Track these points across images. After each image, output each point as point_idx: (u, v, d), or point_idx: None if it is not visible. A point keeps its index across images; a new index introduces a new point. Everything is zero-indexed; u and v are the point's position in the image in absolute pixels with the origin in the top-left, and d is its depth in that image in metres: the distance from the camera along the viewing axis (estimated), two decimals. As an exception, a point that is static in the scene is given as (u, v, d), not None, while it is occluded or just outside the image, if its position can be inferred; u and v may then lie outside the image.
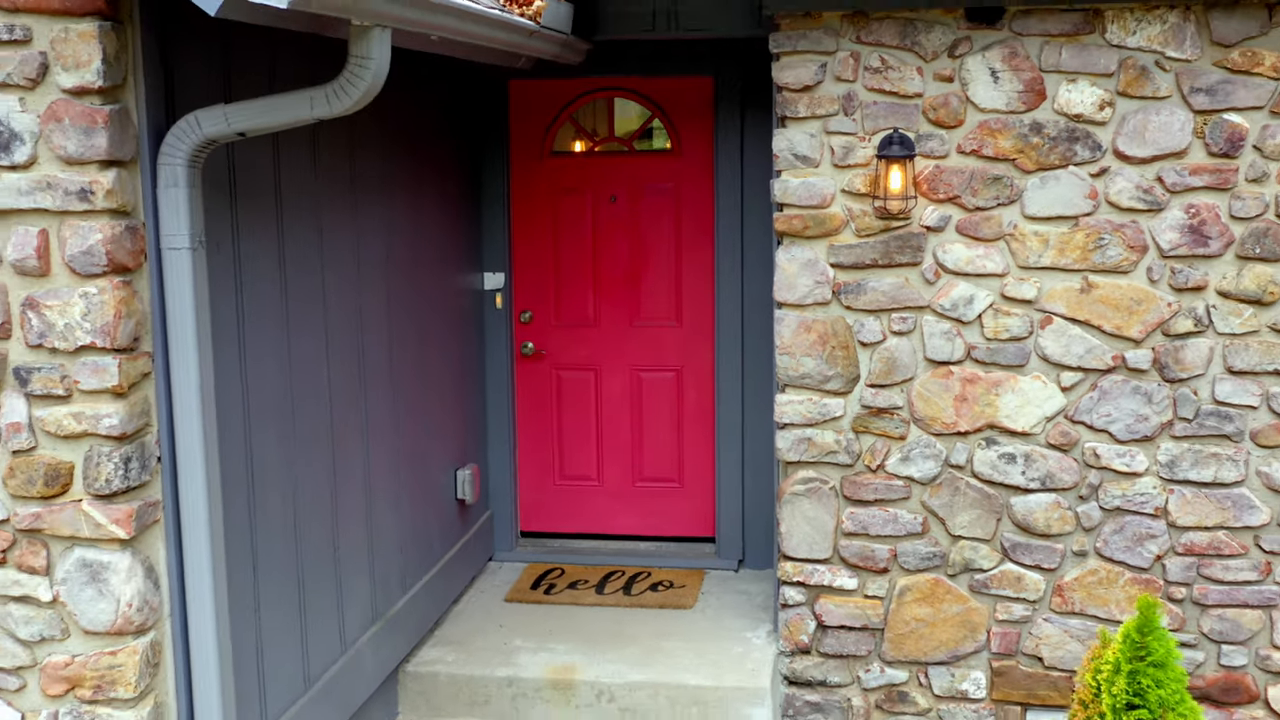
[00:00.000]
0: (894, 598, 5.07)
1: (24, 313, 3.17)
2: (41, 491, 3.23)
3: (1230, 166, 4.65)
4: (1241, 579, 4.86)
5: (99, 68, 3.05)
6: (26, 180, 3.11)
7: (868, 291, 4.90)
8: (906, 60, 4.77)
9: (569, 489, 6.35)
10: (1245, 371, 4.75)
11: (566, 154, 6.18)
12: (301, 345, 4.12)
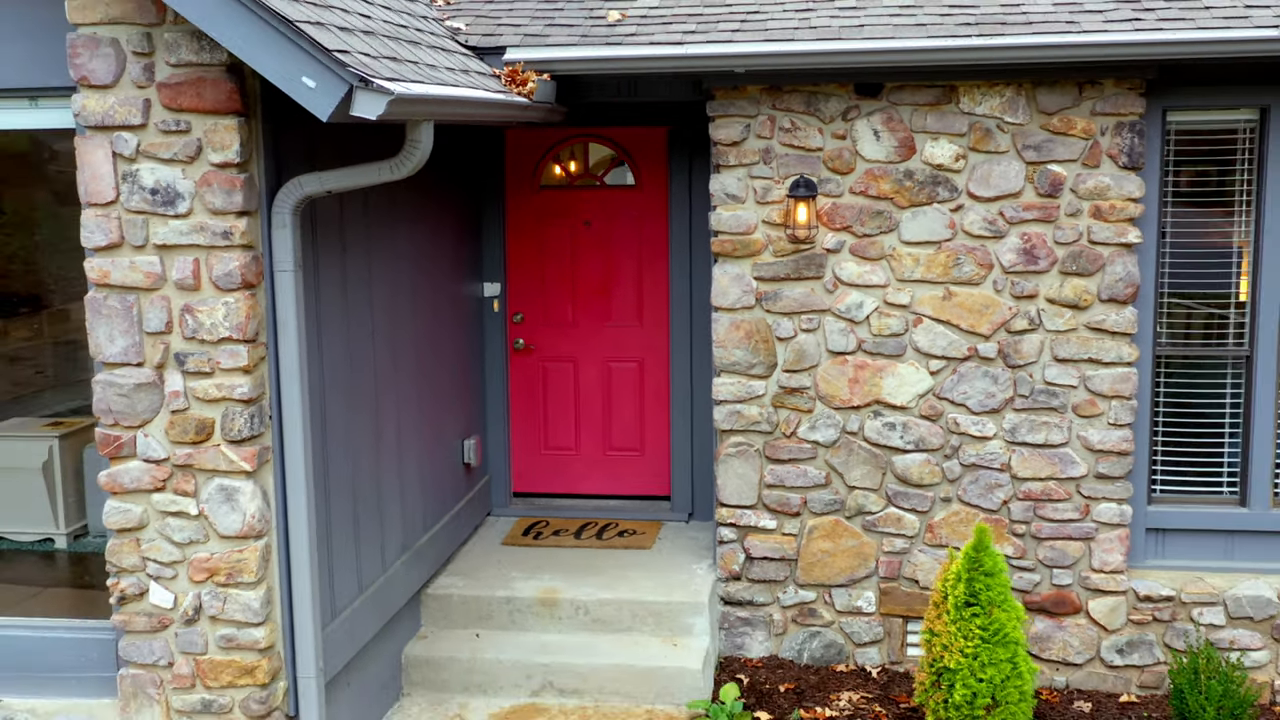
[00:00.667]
0: (804, 535, 6.55)
1: (182, 315, 4.61)
2: (192, 438, 4.67)
3: (1053, 204, 6.16)
4: (1067, 518, 6.37)
5: (237, 149, 4.49)
6: (186, 225, 4.56)
7: (782, 298, 6.38)
8: (810, 122, 6.26)
9: (552, 457, 7.82)
10: (1067, 359, 6.25)
11: (551, 187, 7.64)
12: (356, 340, 5.57)
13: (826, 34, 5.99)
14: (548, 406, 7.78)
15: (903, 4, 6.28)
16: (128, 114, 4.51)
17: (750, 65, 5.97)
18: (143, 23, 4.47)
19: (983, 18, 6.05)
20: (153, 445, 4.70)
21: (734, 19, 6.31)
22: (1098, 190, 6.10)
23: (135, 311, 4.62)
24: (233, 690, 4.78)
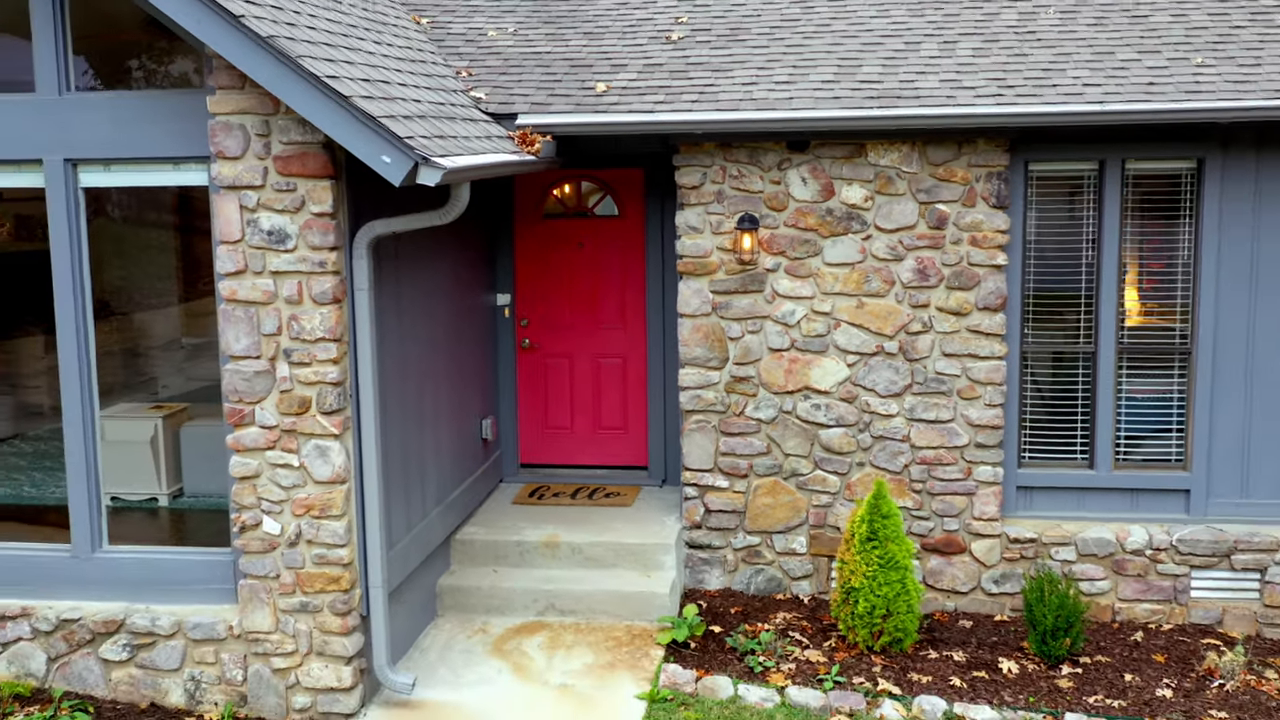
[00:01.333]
0: (750, 492, 8.34)
1: (289, 322, 6.39)
2: (295, 411, 6.45)
3: (940, 235, 7.96)
4: (953, 478, 8.17)
5: (329, 203, 6.28)
6: (293, 257, 6.34)
7: (732, 307, 8.17)
8: (753, 171, 8.05)
9: (552, 434, 9.60)
10: (952, 354, 8.05)
11: (551, 216, 9.42)
12: (406, 340, 7.35)
13: (765, 105, 7.79)
14: (548, 394, 9.57)
15: (824, 80, 8.08)
16: (251, 178, 6.29)
17: (706, 129, 7.77)
18: (262, 113, 6.25)
19: (884, 92, 7.85)
20: (266, 416, 6.48)
21: (694, 91, 8.10)
22: (974, 224, 7.90)
23: (255, 319, 6.40)
24: (323, 595, 6.56)
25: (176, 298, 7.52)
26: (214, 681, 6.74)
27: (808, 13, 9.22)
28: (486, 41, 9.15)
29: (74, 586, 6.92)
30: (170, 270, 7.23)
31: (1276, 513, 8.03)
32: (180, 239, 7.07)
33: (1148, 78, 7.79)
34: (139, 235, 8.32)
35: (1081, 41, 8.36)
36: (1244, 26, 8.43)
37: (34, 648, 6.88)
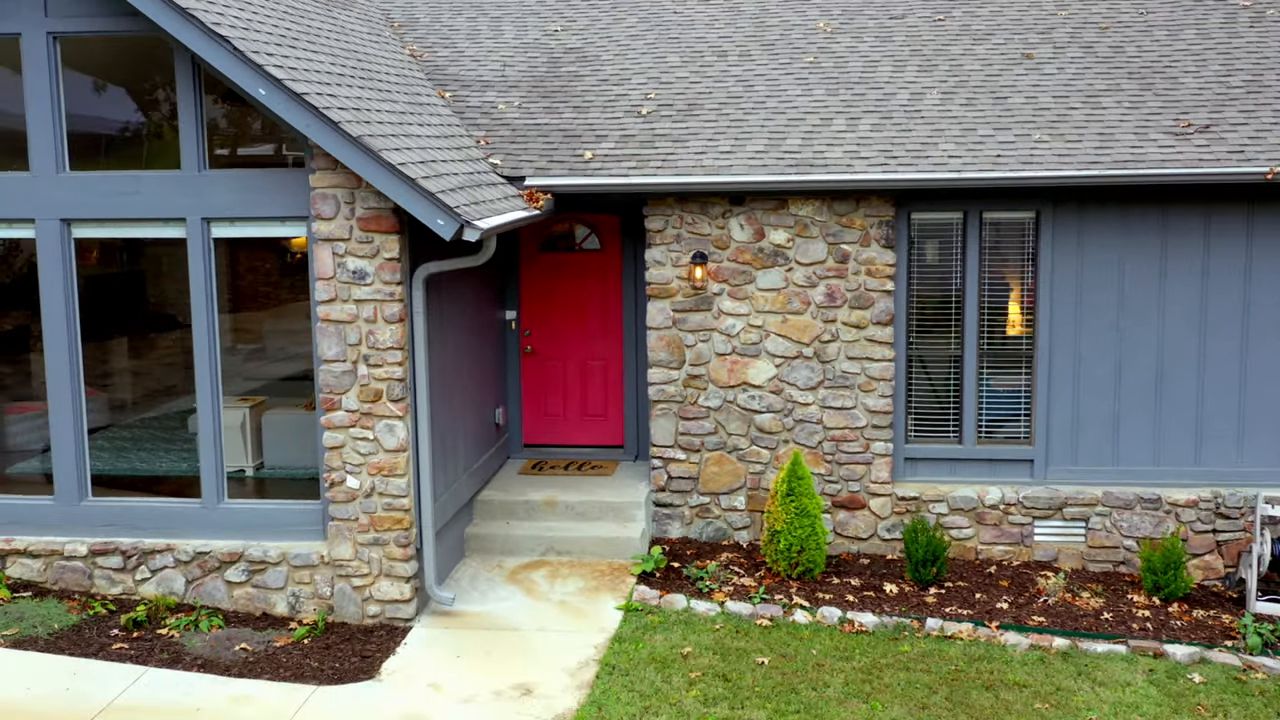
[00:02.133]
0: (702, 463, 10.89)
1: (367, 335, 8.90)
2: (371, 399, 8.96)
3: (844, 267, 10.53)
4: (855, 451, 10.74)
5: (397, 251, 8.79)
6: (370, 290, 8.85)
7: (688, 322, 10.72)
8: (703, 219, 10.60)
9: (549, 421, 12.12)
10: (854, 358, 10.62)
11: (548, 251, 11.94)
12: (445, 349, 9.86)
13: (712, 170, 10.34)
14: (546, 389, 12.09)
15: (757, 151, 10.64)
16: (340, 232, 8.80)
17: (668, 189, 10.32)
18: (349, 186, 8.76)
19: (801, 161, 10.41)
20: (350, 402, 8.99)
21: (658, 159, 10.65)
22: (869, 260, 10.48)
23: (343, 334, 8.91)
24: (389, 532, 9.07)
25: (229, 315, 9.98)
26: (309, 596, 9.25)
27: (749, 90, 11.79)
28: (498, 114, 11.68)
29: (204, 529, 9.42)
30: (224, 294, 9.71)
31: (1096, 477, 10.64)
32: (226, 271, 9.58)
33: (997, 151, 10.39)
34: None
35: (953, 119, 10.96)
36: (1077, 108, 11.04)
37: (175, 573, 9.37)
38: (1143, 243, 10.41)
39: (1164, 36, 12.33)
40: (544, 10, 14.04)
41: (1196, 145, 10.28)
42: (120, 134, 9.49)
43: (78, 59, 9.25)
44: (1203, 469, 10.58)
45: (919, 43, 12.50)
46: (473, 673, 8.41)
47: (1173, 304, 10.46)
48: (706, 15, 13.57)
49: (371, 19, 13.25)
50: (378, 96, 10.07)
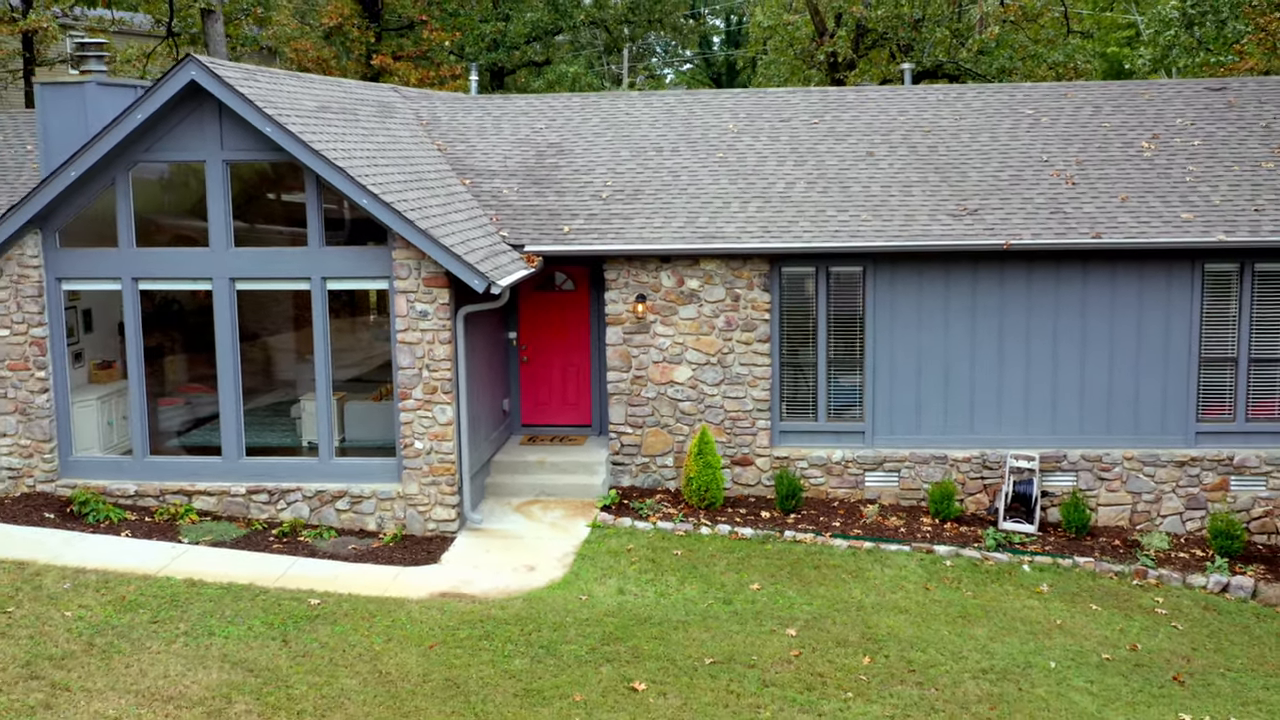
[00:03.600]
0: (644, 435, 16.05)
1: (428, 351, 14.00)
2: (429, 392, 14.06)
3: (737, 304, 15.74)
4: (745, 426, 15.94)
5: (448, 298, 13.91)
6: (430, 323, 13.95)
7: (634, 341, 15.89)
8: (643, 271, 15.78)
9: (539, 408, 17.26)
10: (744, 364, 15.82)
11: (539, 290, 17.06)
12: (475, 358, 14.96)
13: (649, 240, 15.50)
14: (537, 386, 17.21)
15: (679, 226, 15.81)
16: (411, 287, 13.91)
17: (619, 254, 15.48)
18: (417, 257, 13.86)
19: (708, 234, 15.58)
20: (417, 394, 14.08)
21: (613, 232, 15.79)
22: (753, 299, 15.67)
23: (413, 351, 14.01)
24: (441, 476, 14.17)
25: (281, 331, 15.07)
26: (390, 518, 14.33)
27: (676, 179, 16.95)
28: (503, 197, 16.80)
29: (321, 476, 14.48)
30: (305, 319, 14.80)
31: (905, 442, 15.87)
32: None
33: (837, 227, 15.60)
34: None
35: (812, 203, 16.16)
36: (895, 195, 16.26)
37: (303, 504, 14.43)
38: (932, 288, 15.65)
39: (967, 139, 17.59)
40: (531, 112, 19.19)
41: (965, 224, 15.53)
42: (266, 223, 14.58)
43: (240, 174, 14.33)
44: (974, 436, 15.84)
45: (796, 141, 17.72)
46: (497, 559, 13.55)
47: (953, 327, 15.70)
48: (649, 117, 18.75)
49: (409, 122, 18.36)
50: (428, 194, 15.18)
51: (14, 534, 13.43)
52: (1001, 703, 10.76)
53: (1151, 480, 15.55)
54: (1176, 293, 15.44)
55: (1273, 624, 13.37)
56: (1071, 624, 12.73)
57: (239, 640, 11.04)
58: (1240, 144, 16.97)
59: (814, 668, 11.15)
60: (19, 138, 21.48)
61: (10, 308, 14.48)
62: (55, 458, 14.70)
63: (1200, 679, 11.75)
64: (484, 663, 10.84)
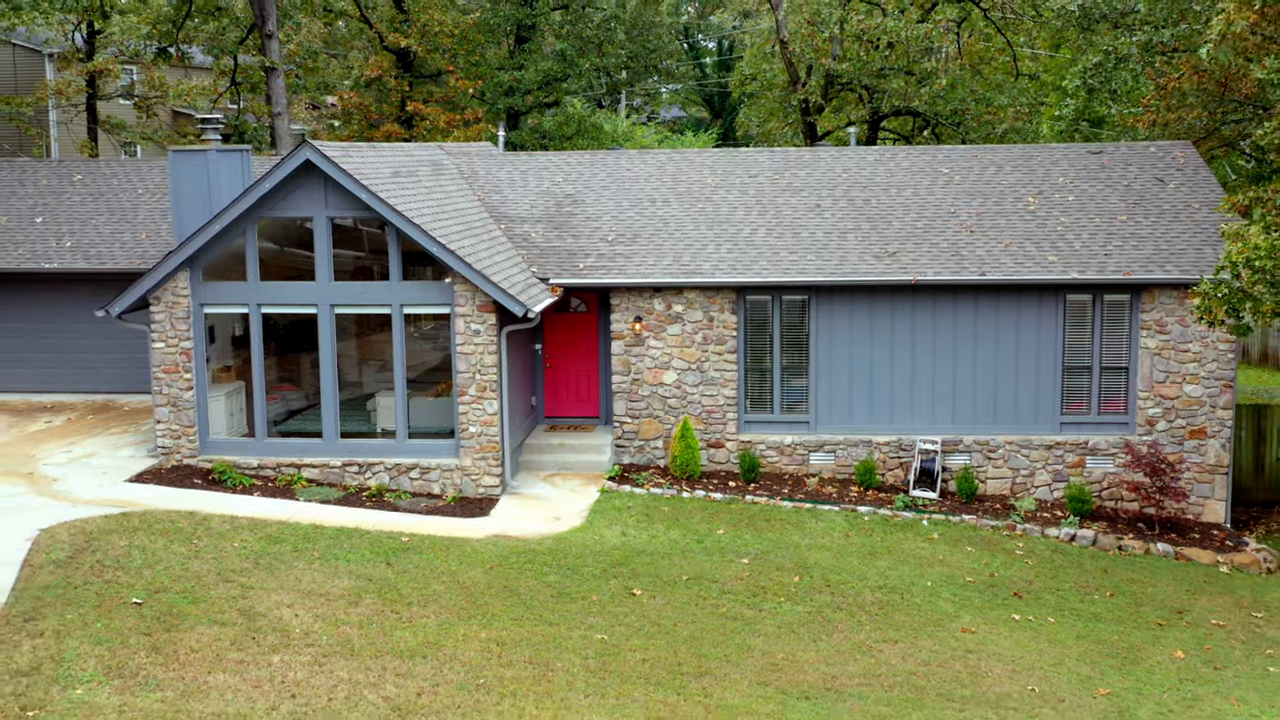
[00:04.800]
0: (640, 424, 20.76)
1: (480, 359, 18.70)
2: (480, 389, 18.76)
3: (711, 322, 20.44)
4: (718, 417, 20.64)
5: (494, 320, 18.60)
6: (481, 339, 18.63)
7: (632, 352, 20.60)
8: (640, 298, 20.49)
9: (559, 403, 21.96)
10: (718, 369, 20.52)
11: (558, 313, 21.74)
12: (513, 365, 19.64)
13: (644, 276, 20.21)
14: (557, 386, 21.91)
15: (667, 264, 20.50)
16: (468, 312, 18.60)
17: (621, 285, 20.19)
18: (472, 289, 18.54)
19: (690, 270, 20.29)
20: (471, 391, 18.76)
21: (617, 268, 20.49)
22: (724, 320, 20.38)
23: (469, 359, 18.69)
24: (489, 454, 18.84)
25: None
26: (450, 485, 19.00)
27: (665, 226, 21.65)
28: (531, 239, 21.49)
29: (397, 453, 19.17)
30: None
31: (840, 429, 20.56)
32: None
33: (788, 265, 20.30)
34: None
35: (770, 246, 20.86)
36: (835, 239, 20.96)
37: (384, 474, 19.11)
38: (860, 312, 20.35)
39: (894, 193, 22.30)
40: (550, 167, 23.91)
41: (885, 264, 20.24)
42: (357, 262, 19.27)
43: (337, 225, 19.02)
44: (892, 425, 20.55)
45: (761, 194, 22.43)
46: (531, 514, 18.24)
47: (876, 342, 20.39)
48: (645, 172, 23.47)
49: (455, 177, 23.08)
50: (476, 240, 19.88)
51: (178, 493, 18.10)
52: (887, 605, 15.47)
53: (1026, 459, 20.28)
54: (1045, 317, 20.17)
55: (1100, 562, 18.10)
56: (949, 560, 17.45)
57: (357, 562, 15.72)
58: (1104, 200, 21.71)
59: (758, 583, 15.87)
60: (129, 182, 26.24)
61: (166, 327, 19.16)
62: (197, 439, 19.37)
63: (1034, 595, 16.47)
64: (529, 576, 15.54)
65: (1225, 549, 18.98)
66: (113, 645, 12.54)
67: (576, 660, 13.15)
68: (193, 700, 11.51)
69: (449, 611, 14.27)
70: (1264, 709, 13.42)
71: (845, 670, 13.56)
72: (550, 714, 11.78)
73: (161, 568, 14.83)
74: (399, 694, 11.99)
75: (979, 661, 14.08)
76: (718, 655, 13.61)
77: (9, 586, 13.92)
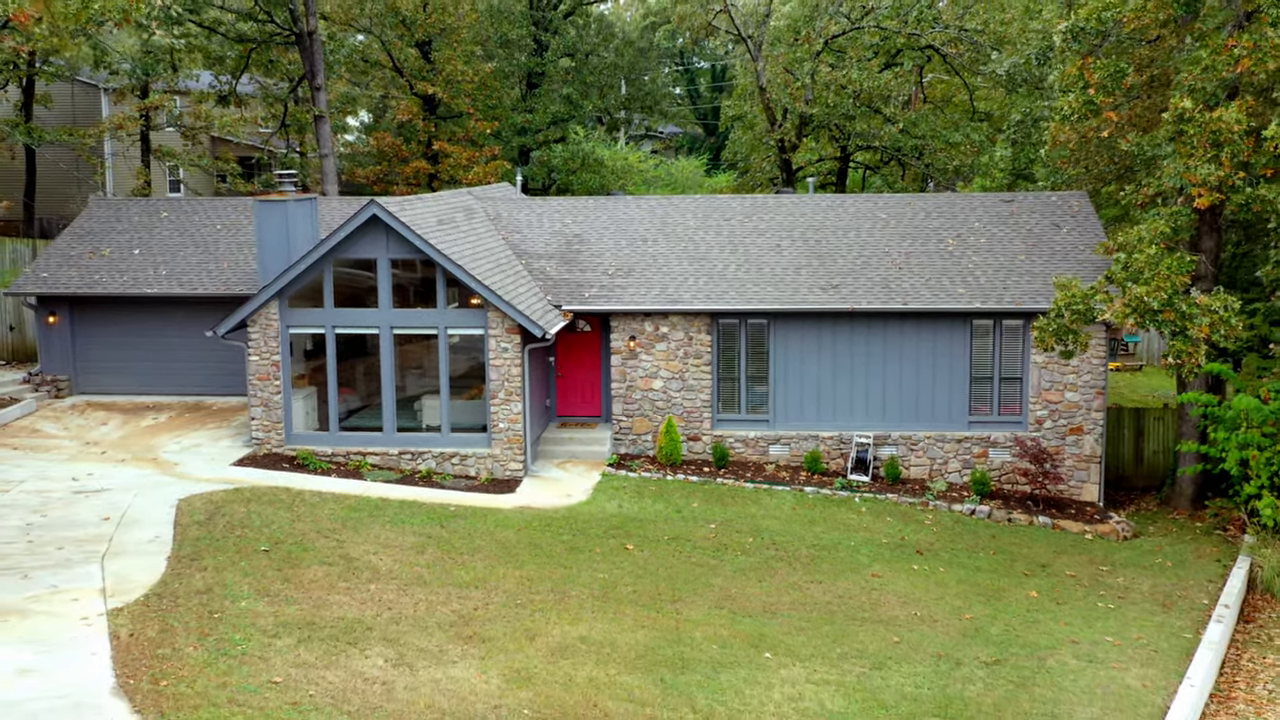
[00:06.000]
0: (634, 421, 25.73)
1: (509, 371, 23.67)
2: (508, 392, 23.71)
3: (691, 340, 25.41)
4: (695, 419, 25.62)
5: (519, 340, 23.56)
6: (508, 355, 23.61)
7: (628, 364, 25.57)
8: (633, 321, 25.47)
9: (568, 404, 26.91)
10: (695, 378, 25.49)
11: (567, 333, 26.68)
12: (533, 374, 24.61)
13: (637, 303, 25.18)
14: (567, 391, 26.86)
15: (655, 294, 25.46)
16: (498, 333, 23.56)
17: (618, 311, 25.16)
18: (501, 315, 23.51)
19: (673, 299, 25.25)
20: (500, 394, 23.72)
21: (615, 297, 25.44)
22: (700, 339, 25.34)
23: (499, 370, 23.65)
24: (514, 443, 23.78)
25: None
26: (483, 469, 23.93)
27: (655, 262, 26.60)
28: (546, 272, 26.45)
29: (442, 443, 24.10)
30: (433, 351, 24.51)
31: (794, 426, 25.52)
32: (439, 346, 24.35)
33: (751, 295, 25.26)
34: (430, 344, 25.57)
35: (739, 280, 25.81)
36: (790, 274, 25.92)
37: (431, 461, 24.05)
38: (809, 333, 25.31)
39: (841, 235, 27.23)
40: (562, 211, 28.88)
41: (829, 295, 25.21)
42: (410, 292, 24.27)
43: (398, 265, 23.98)
44: (835, 423, 25.53)
45: (733, 234, 27.38)
46: (548, 491, 23.20)
47: (822, 357, 25.35)
48: (639, 216, 28.43)
49: (484, 219, 28.05)
50: (505, 276, 24.85)
51: (273, 474, 23.05)
52: (817, 558, 20.45)
53: (941, 450, 25.26)
54: (957, 337, 25.13)
55: (991, 530, 23.07)
56: (872, 527, 22.43)
57: (418, 525, 20.65)
58: (1009, 241, 26.68)
59: (721, 541, 20.84)
60: (208, 219, 31.22)
61: (260, 344, 24.11)
62: (283, 432, 24.32)
63: (933, 553, 21.44)
64: (548, 535, 20.48)
65: (1093, 521, 23.95)
66: (256, 577, 17.51)
67: (585, 591, 18.12)
68: (322, 610, 16.48)
69: (490, 559, 19.23)
70: (1082, 628, 18.38)
71: (780, 600, 18.53)
72: (568, 622, 16.76)
73: (275, 527, 19.79)
74: (461, 608, 16.97)
75: (880, 596, 19.05)
76: (687, 589, 18.59)
77: (171, 538, 18.88)
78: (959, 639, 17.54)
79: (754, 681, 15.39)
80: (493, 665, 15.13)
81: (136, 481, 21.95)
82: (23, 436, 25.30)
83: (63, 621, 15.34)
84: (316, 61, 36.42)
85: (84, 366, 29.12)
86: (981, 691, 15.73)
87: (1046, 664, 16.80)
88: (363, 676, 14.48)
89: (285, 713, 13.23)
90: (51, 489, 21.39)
